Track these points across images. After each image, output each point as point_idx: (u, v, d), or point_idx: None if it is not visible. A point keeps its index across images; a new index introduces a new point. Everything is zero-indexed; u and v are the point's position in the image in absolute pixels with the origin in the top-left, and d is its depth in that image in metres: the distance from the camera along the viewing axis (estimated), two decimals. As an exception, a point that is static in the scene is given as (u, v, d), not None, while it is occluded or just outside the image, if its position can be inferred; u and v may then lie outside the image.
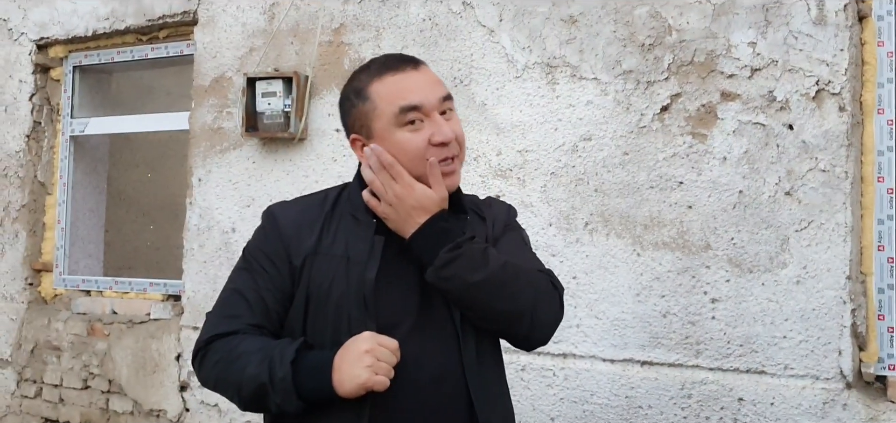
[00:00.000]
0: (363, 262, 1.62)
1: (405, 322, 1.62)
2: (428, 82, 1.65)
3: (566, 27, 2.99)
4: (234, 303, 1.67)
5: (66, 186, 4.30)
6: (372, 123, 1.66)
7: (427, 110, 1.62)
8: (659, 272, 2.81)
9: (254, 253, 1.70)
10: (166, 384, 3.77)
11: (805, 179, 2.63)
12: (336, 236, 1.66)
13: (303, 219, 1.69)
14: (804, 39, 2.64)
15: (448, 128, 1.62)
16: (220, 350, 1.61)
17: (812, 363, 2.60)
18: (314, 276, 1.63)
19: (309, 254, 1.65)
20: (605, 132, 2.91)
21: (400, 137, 1.62)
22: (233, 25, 3.68)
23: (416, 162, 1.62)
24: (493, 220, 1.80)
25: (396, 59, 1.70)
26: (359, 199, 1.69)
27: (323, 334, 1.62)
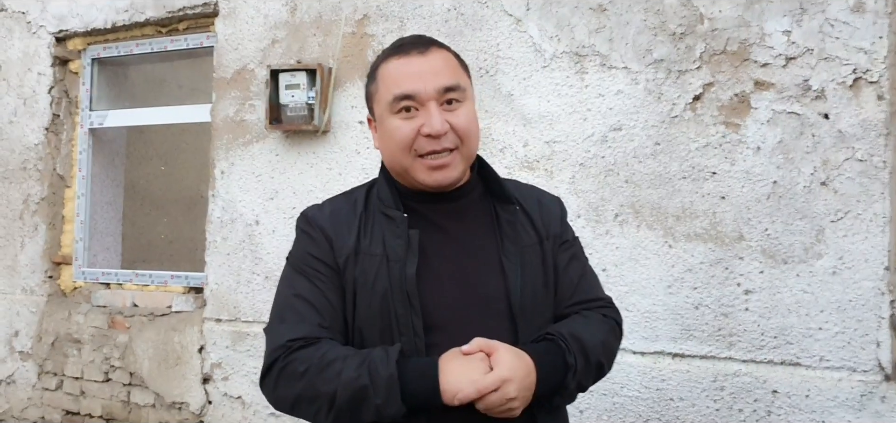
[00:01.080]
0: (402, 259, 1.58)
1: (452, 315, 1.59)
2: (429, 70, 1.59)
3: (595, 16, 2.96)
4: (300, 309, 1.61)
5: (85, 179, 4.28)
6: (375, 105, 1.66)
7: (422, 100, 1.57)
8: (691, 264, 2.78)
9: (303, 259, 1.66)
10: (189, 376, 3.76)
11: (841, 168, 2.60)
12: (373, 235, 1.63)
13: (339, 219, 1.67)
14: (841, 27, 2.60)
15: (439, 120, 1.56)
16: (307, 360, 1.53)
17: (849, 355, 2.57)
18: (358, 276, 1.60)
19: (350, 254, 1.62)
20: (636, 122, 2.88)
21: (391, 125, 1.60)
22: (254, 17, 3.66)
23: (404, 151, 1.59)
24: (544, 222, 1.74)
25: (408, 42, 1.66)
26: (388, 195, 1.65)
27: (372, 332, 1.59)
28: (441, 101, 1.58)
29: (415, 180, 1.62)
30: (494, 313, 1.60)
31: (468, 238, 1.66)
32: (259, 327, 3.56)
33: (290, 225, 3.50)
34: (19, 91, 4.34)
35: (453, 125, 1.58)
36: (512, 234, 1.66)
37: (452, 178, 1.61)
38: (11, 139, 4.36)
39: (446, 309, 1.59)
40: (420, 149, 1.58)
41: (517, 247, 1.65)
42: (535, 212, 1.75)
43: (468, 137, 1.61)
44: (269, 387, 1.60)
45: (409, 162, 1.59)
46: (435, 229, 1.64)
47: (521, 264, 1.64)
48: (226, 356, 3.65)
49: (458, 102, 1.60)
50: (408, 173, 1.62)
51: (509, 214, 1.68)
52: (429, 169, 1.59)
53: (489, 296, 1.61)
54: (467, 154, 1.62)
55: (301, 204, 3.47)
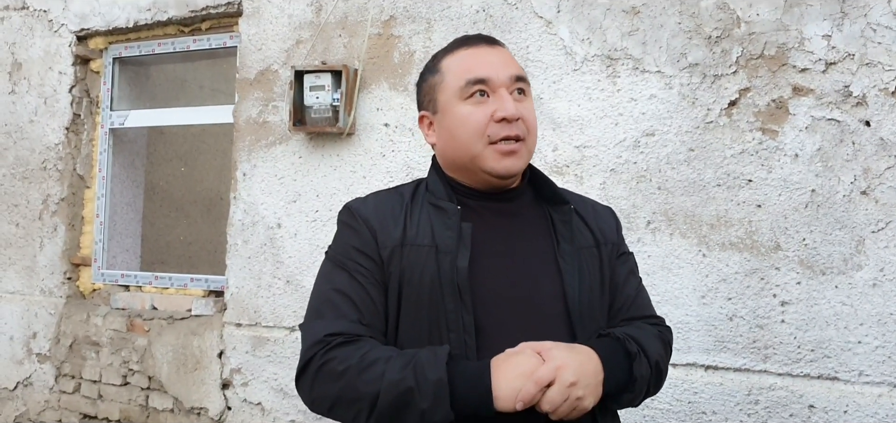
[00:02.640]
0: (453, 251, 1.52)
1: (505, 315, 1.52)
2: (500, 60, 1.60)
3: (628, 18, 2.89)
4: (339, 304, 1.54)
5: (105, 180, 4.25)
6: (438, 94, 1.63)
7: (494, 86, 1.56)
8: (725, 274, 2.71)
9: (345, 251, 1.59)
10: (208, 381, 3.71)
11: (883, 177, 2.52)
12: (420, 226, 1.58)
13: (385, 210, 1.61)
14: (883, 32, 2.53)
15: (513, 105, 1.55)
16: (346, 359, 1.46)
17: (889, 370, 2.49)
18: (404, 268, 1.54)
19: (396, 245, 1.56)
20: (670, 127, 2.81)
21: (462, 110, 1.57)
22: (279, 17, 3.61)
23: (476, 137, 1.56)
24: (600, 229, 1.70)
25: (473, 36, 1.67)
26: (439, 187, 1.62)
27: (419, 329, 1.52)
28: (512, 89, 1.57)
29: (482, 170, 1.57)
30: (550, 316, 1.55)
31: (522, 237, 1.61)
32: (280, 332, 3.51)
33: (313, 229, 3.46)
34: (40, 90, 4.32)
35: (522, 115, 1.56)
36: (567, 234, 1.62)
37: (519, 166, 1.58)
38: (32, 139, 4.33)
39: (499, 308, 1.53)
40: (493, 134, 1.54)
41: (573, 247, 1.61)
42: (589, 216, 1.71)
43: (533, 130, 1.60)
44: (305, 387, 1.53)
45: (479, 149, 1.55)
46: (488, 225, 1.59)
47: (578, 265, 1.59)
48: (246, 362, 3.60)
49: (524, 96, 1.60)
50: (477, 162, 1.57)
51: (563, 214, 1.64)
52: (501, 154, 1.55)
53: (544, 297, 1.55)
54: (531, 147, 1.61)
55: (324, 207, 3.42)
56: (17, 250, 4.37)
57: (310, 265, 3.44)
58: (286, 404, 3.47)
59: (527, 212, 1.65)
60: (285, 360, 3.48)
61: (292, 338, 3.48)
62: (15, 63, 4.40)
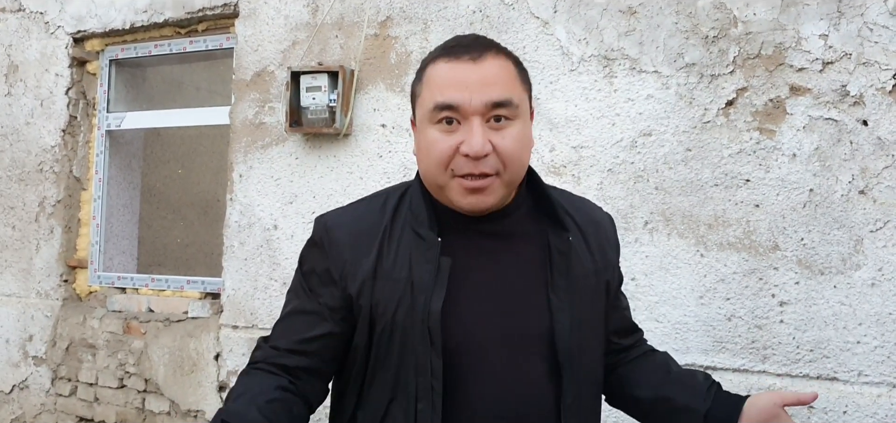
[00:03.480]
0: (428, 289, 1.40)
1: (480, 355, 1.42)
2: (479, 80, 1.38)
3: (625, 18, 2.89)
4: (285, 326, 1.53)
5: (102, 182, 4.24)
6: (417, 107, 1.48)
7: (465, 113, 1.38)
8: (724, 274, 2.70)
9: (309, 273, 1.51)
10: (205, 384, 3.69)
11: (881, 177, 2.51)
12: (397, 255, 1.44)
13: (360, 231, 1.48)
14: (880, 31, 2.52)
15: (480, 140, 1.36)
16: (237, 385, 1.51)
17: (889, 370, 2.48)
18: (377, 302, 1.43)
19: (368, 277, 1.43)
20: (667, 127, 2.80)
21: (430, 136, 1.42)
22: (275, 18, 3.60)
23: (439, 168, 1.40)
24: (600, 245, 1.57)
25: (463, 44, 1.45)
26: (422, 210, 1.46)
27: (387, 366, 1.44)
28: (487, 116, 1.38)
29: (449, 202, 1.44)
30: (533, 355, 1.44)
31: (510, 266, 1.47)
32: (277, 333, 3.49)
33: (309, 230, 3.43)
34: (36, 92, 4.31)
35: (497, 147, 1.38)
36: (563, 267, 1.47)
37: (488, 204, 1.42)
38: (28, 141, 4.32)
39: (473, 350, 1.42)
40: (458, 168, 1.39)
41: (569, 281, 1.47)
42: (591, 235, 1.56)
43: (512, 163, 1.41)
44: None
45: (444, 180, 1.41)
46: (473, 254, 1.45)
47: (571, 300, 1.46)
48: (242, 364, 3.57)
49: (508, 121, 1.40)
50: (443, 192, 1.44)
51: (562, 243, 1.49)
52: (464, 191, 1.40)
53: (529, 335, 1.44)
54: (510, 179, 1.42)
55: (321, 208, 3.41)
56: (13, 253, 4.35)
57: (307, 267, 3.43)
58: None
59: (520, 232, 1.50)
60: None
61: (289, 340, 3.46)
62: (11, 65, 4.39)
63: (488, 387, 1.40)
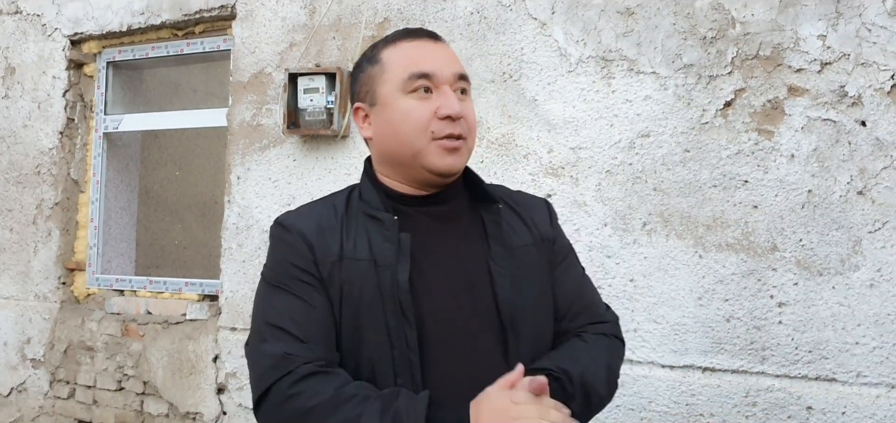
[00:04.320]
0: (392, 264, 1.45)
1: (447, 327, 1.46)
2: (444, 56, 1.54)
3: (623, 19, 2.88)
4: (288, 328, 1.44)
5: (100, 184, 4.23)
6: (378, 86, 1.53)
7: (438, 82, 1.50)
8: (722, 275, 2.70)
9: (282, 269, 1.49)
10: (203, 386, 3.69)
11: (879, 177, 2.51)
12: (357, 240, 1.49)
13: (320, 223, 1.51)
14: (878, 31, 2.52)
15: (458, 103, 1.49)
16: (317, 393, 1.37)
17: (887, 371, 2.48)
18: (343, 283, 1.46)
19: (335, 260, 1.47)
20: (665, 128, 2.80)
21: (405, 105, 1.49)
22: (272, 20, 3.60)
23: (419, 132, 1.48)
24: (534, 222, 1.65)
25: (415, 29, 1.59)
26: (374, 197, 1.53)
27: (358, 349, 1.45)
28: (455, 87, 1.52)
29: (424, 168, 1.50)
30: (486, 326, 1.49)
31: (458, 244, 1.54)
32: (275, 335, 3.49)
33: (308, 232, 3.44)
34: (33, 95, 4.30)
35: (465, 114, 1.51)
36: (499, 235, 1.56)
37: (460, 166, 1.53)
38: (25, 143, 4.31)
39: (441, 320, 1.46)
40: (438, 131, 1.48)
41: (506, 250, 1.54)
42: (525, 212, 1.65)
43: (473, 131, 1.56)
44: (266, 418, 1.43)
45: (422, 144, 1.48)
46: (425, 234, 1.52)
47: (512, 268, 1.53)
48: (241, 366, 3.58)
49: (466, 96, 1.55)
50: (417, 158, 1.49)
51: (493, 214, 1.58)
52: (444, 150, 1.48)
53: (480, 306, 1.49)
54: (471, 147, 1.56)
55: (319, 211, 3.40)
56: (11, 255, 4.35)
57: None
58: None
59: (462, 215, 1.58)
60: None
61: (287, 342, 3.46)
62: (8, 67, 4.38)
63: (452, 358, 1.45)
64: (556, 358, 1.51)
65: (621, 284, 2.83)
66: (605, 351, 1.59)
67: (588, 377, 1.50)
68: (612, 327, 1.67)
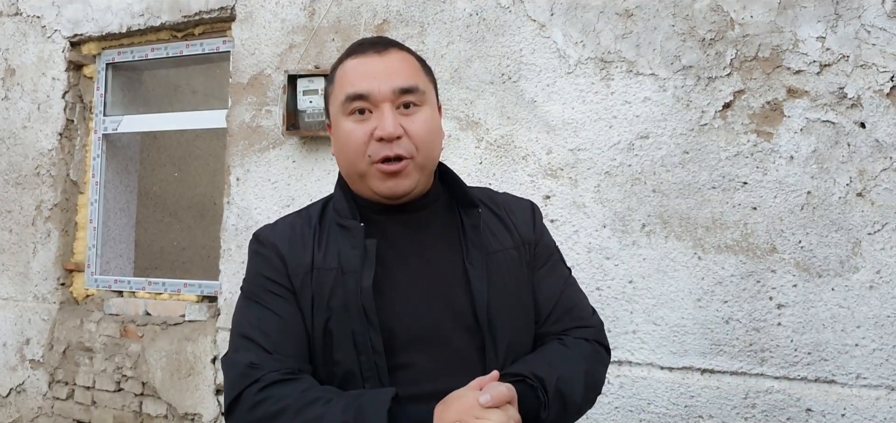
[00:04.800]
0: (357, 270, 1.45)
1: (417, 332, 1.45)
2: (385, 70, 1.48)
3: (622, 21, 2.88)
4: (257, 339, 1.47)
5: (99, 185, 4.23)
6: (330, 105, 1.55)
7: (375, 101, 1.46)
8: (721, 276, 2.70)
9: (256, 281, 1.53)
10: (202, 387, 3.69)
11: (878, 179, 2.51)
12: (327, 249, 1.50)
13: (293, 236, 1.54)
14: (878, 33, 2.52)
15: (391, 122, 1.44)
16: (283, 398, 1.39)
17: (887, 373, 2.48)
18: (314, 293, 1.48)
19: (306, 272, 1.49)
20: (664, 130, 2.80)
21: (344, 127, 1.49)
22: (272, 22, 3.60)
23: (358, 155, 1.46)
24: (515, 224, 1.62)
25: (366, 42, 1.55)
26: (344, 206, 1.53)
27: (332, 355, 1.46)
28: (397, 103, 1.47)
29: (370, 189, 1.50)
30: (462, 328, 1.47)
31: (432, 249, 1.53)
32: (274, 337, 3.48)
33: (307, 233, 3.44)
34: (33, 96, 4.30)
35: (408, 131, 1.46)
36: (477, 239, 1.53)
37: (405, 187, 1.48)
38: (25, 144, 4.31)
39: (409, 326, 1.45)
40: (374, 154, 1.45)
41: (483, 253, 1.52)
42: (506, 215, 1.62)
43: (424, 145, 1.49)
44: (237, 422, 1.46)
45: (363, 167, 1.47)
46: (395, 241, 1.52)
47: (488, 272, 1.51)
48: (240, 367, 3.57)
49: (416, 107, 1.49)
50: (363, 181, 1.49)
51: (473, 218, 1.55)
52: (382, 175, 1.46)
53: (455, 310, 1.48)
54: (423, 163, 1.50)
55: (318, 212, 3.40)
56: (10, 256, 4.34)
57: (304, 270, 3.42)
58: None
59: (437, 220, 1.57)
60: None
61: (287, 343, 3.46)
62: (8, 69, 4.38)
63: (425, 362, 1.44)
64: (532, 364, 1.48)
65: (620, 285, 2.83)
66: (585, 358, 1.55)
67: (564, 385, 1.46)
68: (595, 333, 1.63)
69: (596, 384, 1.57)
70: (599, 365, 1.60)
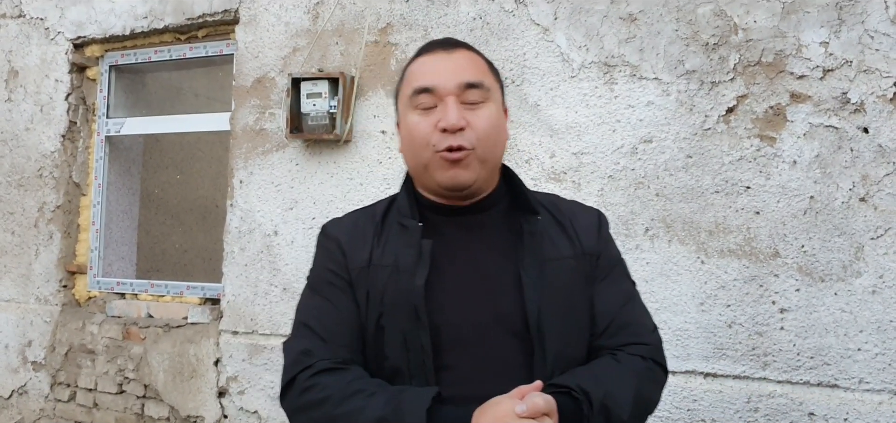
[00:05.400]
0: (411, 269, 1.50)
1: (466, 334, 1.48)
2: (452, 67, 1.53)
3: (625, 25, 2.89)
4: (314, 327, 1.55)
5: (101, 187, 4.23)
6: (399, 102, 1.62)
7: (440, 94, 1.51)
8: (724, 281, 2.70)
9: (319, 273, 1.62)
10: (204, 389, 3.69)
11: (881, 184, 2.51)
12: (386, 247, 1.56)
13: (355, 232, 1.61)
14: (881, 39, 2.53)
15: (455, 114, 1.48)
16: (328, 386, 1.45)
17: (890, 377, 2.48)
18: (369, 289, 1.53)
19: (363, 267, 1.55)
20: (667, 134, 2.80)
21: (410, 120, 1.55)
22: (275, 25, 3.60)
23: (422, 146, 1.53)
24: (577, 233, 1.61)
25: (435, 42, 1.63)
26: (405, 205, 1.59)
27: (383, 350, 1.51)
28: (461, 97, 1.51)
29: (433, 181, 1.55)
30: (510, 334, 1.49)
31: (488, 252, 1.56)
32: (276, 340, 3.49)
33: (310, 236, 3.44)
34: (36, 98, 4.30)
35: (471, 123, 1.50)
36: (533, 246, 1.54)
37: (467, 178, 1.52)
38: (28, 146, 4.32)
39: (459, 327, 1.48)
40: (438, 144, 1.50)
41: (538, 259, 1.53)
42: (570, 223, 1.62)
43: (486, 139, 1.52)
44: (286, 407, 1.56)
45: (427, 158, 1.52)
46: (453, 242, 1.55)
47: (542, 278, 1.51)
48: (242, 370, 3.58)
49: (480, 103, 1.53)
50: (427, 171, 1.54)
51: (532, 224, 1.56)
52: (445, 163, 1.50)
53: (504, 315, 1.49)
54: (484, 156, 1.52)
55: (321, 215, 3.41)
56: (12, 258, 4.35)
57: (306, 273, 3.42)
58: (282, 413, 3.45)
59: (496, 225, 1.58)
60: (282, 368, 3.45)
61: (289, 346, 3.46)
62: (11, 71, 4.39)
63: (471, 365, 1.46)
64: (579, 377, 1.47)
65: (623, 289, 2.83)
66: (637, 375, 1.52)
67: (610, 401, 1.43)
68: (651, 350, 1.59)
69: (647, 403, 1.55)
70: (652, 384, 1.57)
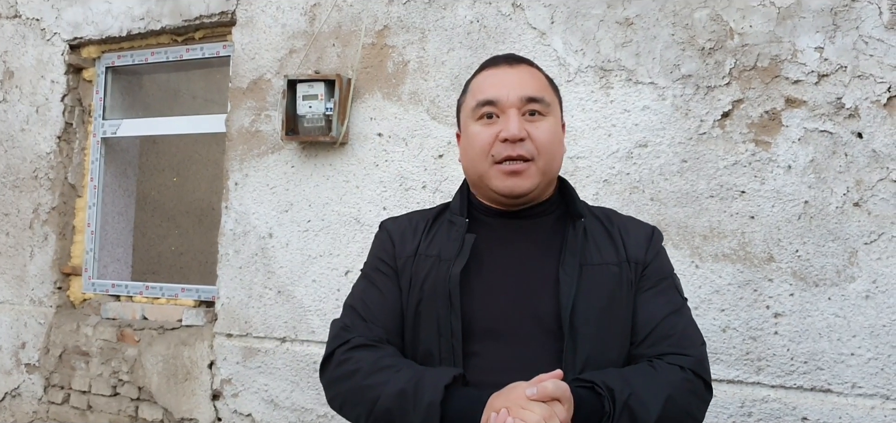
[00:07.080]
0: (451, 259, 1.59)
1: (498, 326, 1.54)
2: (514, 81, 1.62)
3: (622, 30, 2.90)
4: (359, 309, 1.67)
5: (97, 189, 4.23)
6: (462, 113, 1.72)
7: (503, 107, 1.60)
8: (718, 285, 2.70)
9: (371, 262, 1.75)
10: (198, 392, 3.68)
11: (875, 189, 2.52)
12: (433, 240, 1.67)
13: (408, 227, 1.74)
14: (875, 44, 2.54)
15: (517, 125, 1.57)
16: (360, 361, 1.56)
17: (882, 382, 2.48)
18: (413, 277, 1.64)
19: (409, 256, 1.67)
20: (663, 139, 2.81)
21: (472, 130, 1.64)
22: (272, 26, 3.61)
23: (482, 156, 1.61)
24: (625, 243, 1.65)
25: (499, 57, 1.72)
26: (457, 204, 1.70)
27: (416, 335, 1.60)
28: (523, 110, 1.60)
29: (490, 189, 1.63)
30: (543, 331, 1.54)
31: (528, 252, 1.63)
32: (271, 343, 3.49)
33: (305, 239, 3.45)
34: (32, 99, 4.30)
35: (531, 135, 1.58)
36: (575, 248, 1.60)
37: (525, 187, 1.60)
38: (23, 147, 4.31)
39: (491, 318, 1.55)
40: (497, 154, 1.59)
41: (578, 262, 1.59)
42: (620, 233, 1.68)
43: (546, 151, 1.61)
44: (324, 380, 1.66)
45: (485, 167, 1.61)
46: (498, 239, 1.64)
47: (580, 280, 1.55)
48: (236, 373, 3.57)
49: (541, 116, 1.62)
50: (484, 181, 1.64)
51: (576, 227, 1.64)
52: (504, 174, 1.59)
53: (540, 312, 1.55)
54: (543, 168, 1.61)
55: (316, 217, 3.41)
56: (6, 260, 4.34)
57: (301, 275, 3.43)
58: (277, 415, 3.45)
59: (543, 229, 1.66)
60: (276, 371, 3.45)
61: (283, 349, 3.46)
62: (7, 71, 4.38)
63: (501, 356, 1.51)
64: (607, 375, 1.49)
65: (618, 293, 2.84)
66: (671, 384, 1.52)
67: (635, 402, 1.44)
68: (693, 362, 1.59)
69: (681, 414, 1.53)
70: (690, 395, 1.55)
